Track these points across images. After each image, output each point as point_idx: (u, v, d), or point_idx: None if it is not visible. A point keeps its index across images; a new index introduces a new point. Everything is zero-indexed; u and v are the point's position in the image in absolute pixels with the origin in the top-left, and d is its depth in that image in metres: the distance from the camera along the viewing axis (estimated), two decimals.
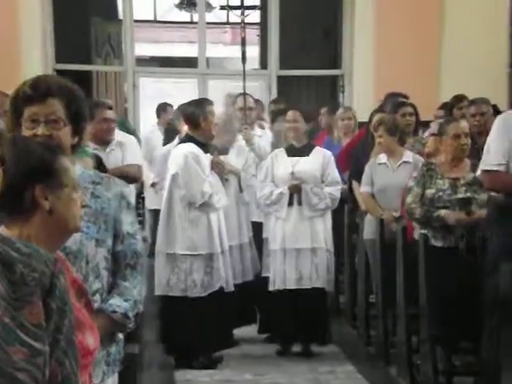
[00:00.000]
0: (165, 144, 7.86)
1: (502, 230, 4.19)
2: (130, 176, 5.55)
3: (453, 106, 6.98)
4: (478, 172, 4.35)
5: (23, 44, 8.96)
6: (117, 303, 2.44)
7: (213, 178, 5.43)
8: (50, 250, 1.76)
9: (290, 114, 5.78)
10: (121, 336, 2.55)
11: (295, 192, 5.67)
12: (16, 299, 1.44)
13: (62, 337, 1.47)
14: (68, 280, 1.66)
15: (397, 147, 5.76)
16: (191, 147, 5.38)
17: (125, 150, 5.72)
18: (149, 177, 7.38)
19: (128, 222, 2.51)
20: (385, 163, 5.76)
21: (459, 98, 6.99)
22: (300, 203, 5.68)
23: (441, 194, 4.88)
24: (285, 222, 5.70)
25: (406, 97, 6.99)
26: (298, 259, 5.67)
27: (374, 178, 5.75)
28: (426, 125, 6.72)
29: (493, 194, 4.42)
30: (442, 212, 4.81)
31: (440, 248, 4.80)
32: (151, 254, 5.86)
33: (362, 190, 5.85)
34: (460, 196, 4.79)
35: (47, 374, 1.44)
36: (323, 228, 5.73)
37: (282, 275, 5.67)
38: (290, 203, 5.68)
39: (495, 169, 4.20)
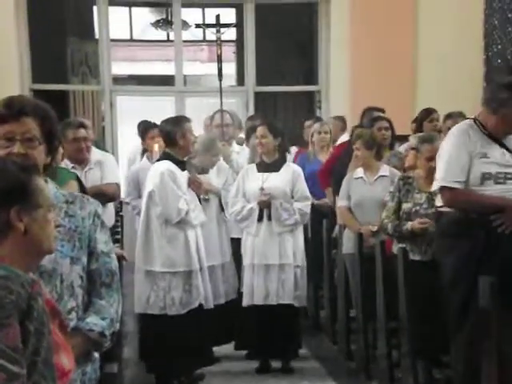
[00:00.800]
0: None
1: (459, 246, 4.13)
2: (108, 194, 5.56)
3: (423, 120, 7.06)
4: (436, 187, 4.26)
5: None
6: (93, 321, 2.43)
7: (190, 195, 5.42)
8: (24, 270, 1.75)
9: (259, 129, 5.80)
10: (96, 355, 2.52)
11: (264, 207, 5.68)
12: None
13: (39, 359, 1.46)
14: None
15: (373, 161, 5.80)
16: (168, 164, 5.38)
17: (104, 169, 5.72)
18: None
19: (102, 241, 2.52)
20: (361, 177, 5.80)
21: (429, 111, 7.07)
22: (270, 219, 5.69)
23: (418, 208, 4.91)
24: (254, 238, 5.71)
25: (382, 110, 7.05)
26: (266, 275, 5.67)
27: (350, 192, 5.78)
28: (401, 139, 6.77)
29: (444, 209, 4.30)
30: (409, 224, 4.84)
31: (417, 262, 4.82)
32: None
33: (339, 204, 5.88)
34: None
35: None
36: (292, 244, 5.73)
37: (250, 291, 5.68)
38: (260, 219, 5.69)
39: (455, 186, 4.13)
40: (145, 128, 7.35)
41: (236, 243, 5.98)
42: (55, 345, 1.75)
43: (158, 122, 5.90)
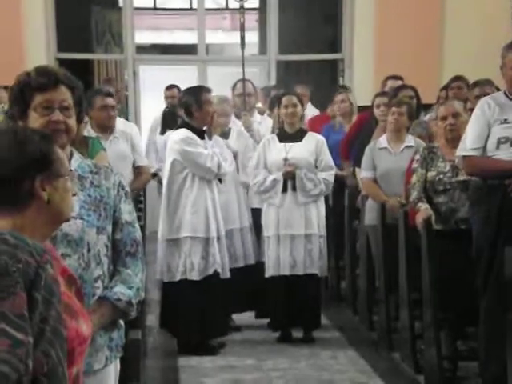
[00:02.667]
0: (163, 129, 7.85)
1: (479, 213, 4.24)
2: (145, 183, 6.11)
3: (447, 87, 6.93)
4: (457, 159, 4.38)
5: (26, 34, 8.98)
6: (121, 291, 2.46)
7: (217, 147, 5.43)
8: (42, 239, 1.75)
9: (288, 99, 5.72)
10: (122, 322, 2.56)
11: (289, 178, 5.65)
12: None
13: (48, 327, 1.46)
14: (57, 269, 1.64)
15: (404, 131, 5.72)
16: (186, 132, 5.40)
17: (135, 148, 5.82)
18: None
19: (127, 211, 2.55)
20: (386, 147, 5.71)
21: (453, 79, 6.91)
22: (294, 189, 5.66)
23: (441, 176, 4.85)
24: (279, 209, 5.68)
25: (401, 79, 6.94)
26: (292, 245, 5.66)
27: (376, 162, 5.70)
28: (427, 108, 6.68)
29: (472, 178, 4.42)
30: (422, 207, 4.78)
31: (442, 231, 4.77)
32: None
33: (363, 175, 5.80)
34: (461, 178, 4.75)
35: (31, 365, 1.42)
36: (316, 214, 5.71)
37: (276, 262, 5.67)
38: (284, 189, 5.66)
39: (471, 154, 4.22)
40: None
41: (256, 213, 5.97)
42: (73, 312, 1.76)
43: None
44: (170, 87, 8.38)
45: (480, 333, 4.29)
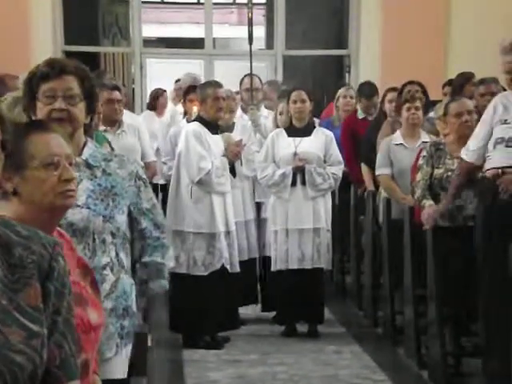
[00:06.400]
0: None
1: (478, 211, 4.32)
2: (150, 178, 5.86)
3: (463, 84, 6.86)
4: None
5: (33, 27, 8.98)
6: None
7: (221, 161, 5.43)
8: (41, 228, 1.76)
9: (297, 94, 5.73)
10: (134, 309, 2.62)
11: (298, 172, 5.66)
12: (14, 281, 1.43)
13: (60, 319, 1.47)
14: (73, 259, 1.66)
15: (419, 127, 5.71)
16: (195, 125, 5.45)
17: (142, 143, 5.82)
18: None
19: (146, 200, 2.62)
20: (402, 144, 5.69)
21: (469, 76, 6.85)
22: (303, 183, 5.67)
23: (449, 173, 4.85)
24: (287, 203, 5.69)
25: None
26: (300, 239, 5.67)
27: (392, 158, 5.67)
28: (434, 104, 6.66)
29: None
30: (427, 203, 4.78)
31: (447, 228, 4.78)
32: None
33: (379, 172, 5.73)
34: None
35: (45, 357, 1.43)
36: (324, 208, 5.73)
37: (284, 255, 5.68)
38: (293, 183, 5.68)
39: (470, 157, 4.34)
40: (185, 91, 7.35)
41: (256, 207, 6.00)
42: (83, 301, 1.77)
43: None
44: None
45: (480, 328, 4.30)
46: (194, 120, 5.65)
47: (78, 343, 1.52)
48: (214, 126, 5.50)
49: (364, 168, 6.30)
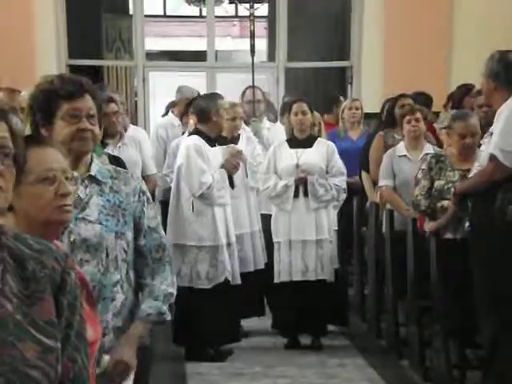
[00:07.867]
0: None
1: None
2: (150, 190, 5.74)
3: (463, 96, 6.86)
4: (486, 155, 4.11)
5: (37, 40, 9.02)
6: (148, 305, 2.54)
7: (220, 174, 5.44)
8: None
9: (299, 106, 5.74)
10: None
11: (301, 184, 5.66)
12: (27, 296, 1.42)
13: (73, 333, 1.46)
14: None
15: (422, 138, 5.71)
16: (195, 139, 5.44)
17: (144, 154, 5.76)
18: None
19: (149, 217, 2.57)
20: (405, 155, 5.68)
21: (469, 87, 6.85)
22: (305, 195, 5.67)
23: (450, 185, 4.84)
24: (290, 214, 5.69)
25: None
26: (303, 251, 5.66)
27: (395, 170, 5.67)
28: (436, 116, 6.66)
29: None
30: (445, 202, 4.77)
31: (450, 240, 4.77)
32: None
33: (382, 183, 5.73)
34: None
35: (59, 371, 1.42)
36: (327, 219, 5.72)
37: (287, 267, 5.67)
38: (296, 195, 5.67)
39: (498, 155, 3.97)
40: (188, 103, 7.34)
41: (264, 218, 5.98)
42: None
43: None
44: None
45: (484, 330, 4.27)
46: (191, 133, 5.63)
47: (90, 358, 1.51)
48: (211, 139, 5.49)
49: (364, 175, 6.31)
